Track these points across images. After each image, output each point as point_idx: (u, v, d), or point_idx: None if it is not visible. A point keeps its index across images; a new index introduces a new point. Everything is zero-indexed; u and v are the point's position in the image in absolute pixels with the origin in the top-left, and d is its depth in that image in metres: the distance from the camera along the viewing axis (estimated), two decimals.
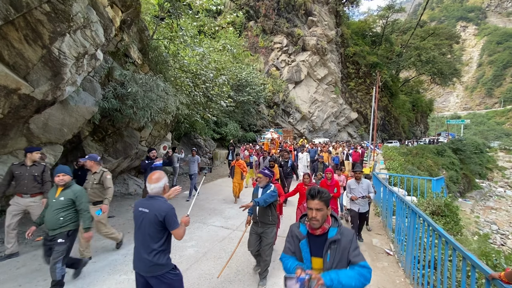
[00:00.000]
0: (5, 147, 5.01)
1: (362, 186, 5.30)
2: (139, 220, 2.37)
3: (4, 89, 4.11)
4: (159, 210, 2.33)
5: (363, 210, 5.31)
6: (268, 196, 3.64)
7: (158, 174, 2.46)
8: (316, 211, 1.83)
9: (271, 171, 3.96)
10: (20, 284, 3.43)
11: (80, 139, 6.47)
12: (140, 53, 7.46)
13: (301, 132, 30.00)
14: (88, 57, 5.05)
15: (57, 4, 4.11)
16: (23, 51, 4.16)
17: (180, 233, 2.41)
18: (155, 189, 2.41)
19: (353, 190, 5.37)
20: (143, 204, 2.41)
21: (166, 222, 2.34)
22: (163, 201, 2.42)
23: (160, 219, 2.32)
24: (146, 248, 2.31)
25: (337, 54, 34.24)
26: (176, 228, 2.37)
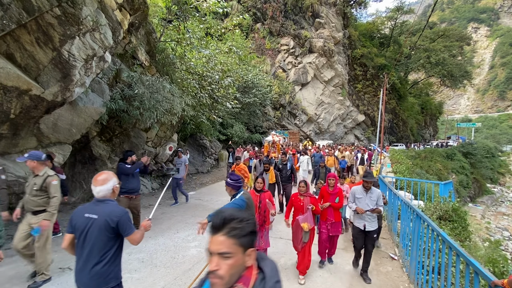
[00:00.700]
0: (16, 146, 5.15)
1: (371, 196, 4.10)
2: (84, 228, 2.04)
3: (16, 90, 4.25)
4: (111, 215, 2.07)
5: (370, 228, 4.04)
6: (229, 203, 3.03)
7: (105, 175, 2.18)
8: (218, 258, 0.97)
9: (237, 179, 3.32)
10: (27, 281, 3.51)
11: (88, 139, 6.61)
12: (147, 55, 7.58)
13: (307, 134, 29.87)
14: (97, 59, 5.17)
15: (67, 8, 4.23)
16: (35, 53, 4.29)
17: (137, 238, 2.18)
18: (102, 192, 2.11)
19: (358, 200, 4.16)
20: (89, 210, 2.09)
21: (120, 228, 2.09)
22: (114, 205, 2.17)
23: (112, 225, 2.06)
24: (93, 259, 2.03)
25: (344, 56, 34.03)
26: (131, 234, 2.14)
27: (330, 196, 4.41)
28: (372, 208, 4.03)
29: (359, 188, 4.25)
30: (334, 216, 4.40)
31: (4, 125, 4.64)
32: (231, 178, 3.31)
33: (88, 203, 2.18)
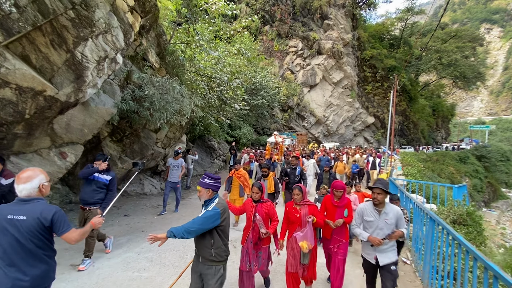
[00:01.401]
0: (30, 146, 5.29)
1: (386, 218, 2.94)
2: (8, 231, 1.83)
3: (31, 91, 4.35)
4: (43, 213, 1.91)
5: (385, 261, 2.94)
6: (198, 223, 2.36)
7: (30, 172, 2.00)
8: None
9: (216, 178, 2.60)
10: None
11: (99, 139, 6.73)
12: (157, 57, 7.68)
13: (316, 136, 29.67)
14: (109, 61, 5.26)
15: (81, 11, 4.32)
16: (49, 55, 4.39)
17: (74, 236, 2.02)
18: (25, 191, 1.93)
19: (368, 224, 3.05)
20: (14, 211, 1.88)
21: (55, 226, 1.95)
22: (43, 203, 1.99)
23: (46, 224, 1.91)
24: (22, 264, 1.84)
25: (354, 57, 33.74)
26: (67, 232, 1.98)
27: (336, 209, 3.44)
28: (389, 234, 2.90)
29: (369, 206, 3.08)
30: (343, 234, 3.46)
31: (19, 125, 4.77)
32: (209, 176, 2.55)
33: (9, 204, 1.95)
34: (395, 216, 2.94)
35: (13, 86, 4.12)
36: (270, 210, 3.26)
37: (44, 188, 2.04)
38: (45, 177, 2.07)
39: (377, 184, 2.99)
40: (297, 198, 3.28)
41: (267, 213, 3.22)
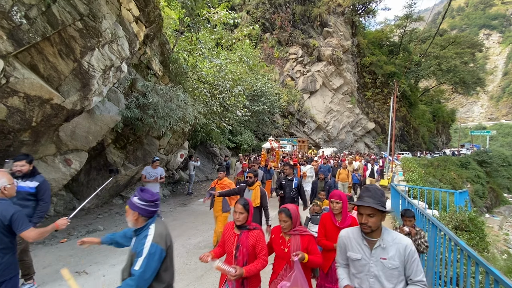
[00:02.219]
0: (36, 153, 5.36)
1: (384, 256, 1.71)
2: None
3: (38, 99, 4.45)
4: (3, 213, 2.06)
5: None
6: (142, 278, 1.68)
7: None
8: None
9: (152, 200, 1.82)
10: (44, 281, 3.61)
11: (103, 146, 6.81)
12: (161, 65, 7.82)
13: (316, 142, 29.74)
14: (114, 70, 5.38)
15: (89, 21, 4.45)
16: (57, 64, 4.51)
17: (31, 235, 2.14)
18: None
19: (355, 264, 1.84)
20: None
21: (13, 225, 2.08)
22: (6, 203, 2.14)
23: (6, 223, 2.06)
24: None
25: (353, 64, 34.06)
26: (25, 230, 2.11)
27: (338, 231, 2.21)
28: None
29: (355, 234, 1.88)
30: None
31: (26, 133, 4.85)
32: (141, 195, 1.80)
33: None
34: (401, 253, 1.67)
35: (21, 95, 4.22)
36: (258, 242, 2.22)
37: (6, 190, 2.20)
38: (7, 180, 2.22)
39: (364, 200, 1.76)
40: (284, 227, 2.30)
41: (253, 246, 2.21)
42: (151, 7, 6.07)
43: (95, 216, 6.64)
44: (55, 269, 4.00)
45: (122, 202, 8.14)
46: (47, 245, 4.88)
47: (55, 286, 3.56)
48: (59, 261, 4.25)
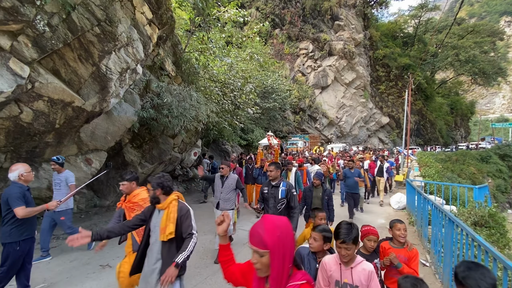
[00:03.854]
0: (59, 153, 5.64)
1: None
2: None
3: (61, 103, 4.69)
4: (6, 192, 2.89)
5: None
6: None
7: (14, 165, 3.01)
8: None
9: None
10: (72, 274, 3.84)
11: (121, 146, 7.06)
12: (173, 66, 7.99)
13: (329, 138, 29.43)
14: (130, 72, 5.57)
15: (106, 27, 4.63)
16: (77, 68, 4.72)
17: (20, 211, 2.84)
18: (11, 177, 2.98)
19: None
20: None
21: (9, 202, 2.84)
22: (16, 186, 2.93)
23: (4, 199, 2.86)
24: None
25: (366, 57, 33.33)
26: (15, 208, 2.83)
27: None
28: None
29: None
30: None
31: (50, 134, 5.12)
32: None
33: None
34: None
35: (45, 99, 4.46)
36: None
37: (23, 177, 3.00)
38: (24, 169, 3.02)
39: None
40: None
41: None
42: (163, 9, 6.21)
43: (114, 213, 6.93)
44: (82, 262, 4.24)
45: None
46: None
47: (82, 277, 3.78)
48: (84, 255, 4.49)
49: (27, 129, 4.61)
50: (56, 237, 5.25)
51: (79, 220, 6.24)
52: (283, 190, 3.67)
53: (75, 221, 6.08)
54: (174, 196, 2.40)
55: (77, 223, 5.99)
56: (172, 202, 2.35)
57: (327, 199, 4.42)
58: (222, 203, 4.56)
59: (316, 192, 4.50)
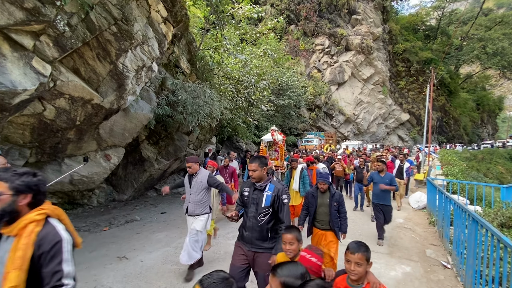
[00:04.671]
0: (80, 149, 5.89)
1: None
2: None
3: (81, 100, 4.87)
4: None
5: None
6: None
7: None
8: None
9: None
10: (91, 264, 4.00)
11: (138, 142, 7.26)
12: (188, 63, 8.09)
13: (345, 136, 28.81)
14: (146, 70, 5.69)
15: (122, 25, 4.74)
16: (95, 67, 4.88)
17: None
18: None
19: None
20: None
21: None
22: None
23: None
24: None
25: (385, 52, 32.21)
26: None
27: None
28: None
29: None
30: None
31: (71, 131, 5.35)
32: None
33: None
34: None
35: (66, 96, 4.64)
36: None
37: None
38: None
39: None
40: None
41: None
42: (178, 7, 6.28)
43: (133, 207, 7.14)
44: (101, 254, 4.41)
45: (156, 195, 8.65)
46: (92, 232, 5.38)
47: (100, 267, 3.92)
48: (103, 247, 4.67)
49: (50, 125, 4.84)
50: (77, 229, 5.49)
51: (99, 213, 6.49)
52: (269, 196, 2.54)
53: (96, 215, 6.34)
54: (35, 216, 1.29)
55: (97, 216, 6.24)
56: (27, 227, 1.27)
57: (337, 205, 3.47)
58: (192, 207, 3.68)
59: (322, 198, 3.54)
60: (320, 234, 3.51)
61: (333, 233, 3.46)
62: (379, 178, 5.27)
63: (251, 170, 2.57)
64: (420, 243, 5.37)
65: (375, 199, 5.29)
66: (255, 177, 2.58)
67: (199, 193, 3.72)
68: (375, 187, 5.28)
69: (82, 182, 6.03)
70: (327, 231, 3.47)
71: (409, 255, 4.72)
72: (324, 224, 3.50)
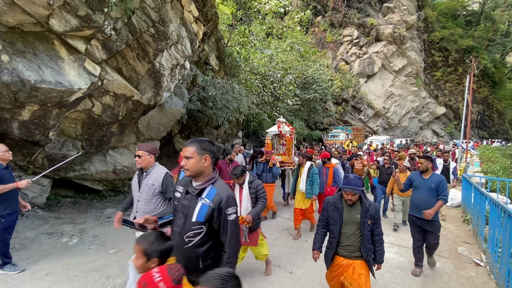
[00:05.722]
0: (122, 142, 6.46)
1: None
2: None
3: (123, 97, 5.36)
4: None
5: None
6: None
7: None
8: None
9: None
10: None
11: (171, 136, 7.76)
12: (217, 60, 8.40)
13: (374, 130, 27.78)
14: (179, 67, 6.06)
15: (159, 27, 5.12)
16: (135, 66, 5.33)
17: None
18: None
19: None
20: None
21: None
22: None
23: None
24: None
25: (419, 41, 30.27)
26: None
27: None
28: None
29: None
30: None
31: (115, 125, 5.89)
32: None
33: None
34: None
35: (111, 94, 5.14)
36: None
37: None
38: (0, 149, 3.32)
39: None
40: None
41: None
42: (208, 6, 6.56)
43: None
44: None
45: None
46: None
47: None
48: None
49: (97, 120, 5.39)
50: None
51: None
52: (204, 207, 1.68)
53: None
54: None
55: None
56: None
57: (372, 224, 2.42)
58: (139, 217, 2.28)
59: (349, 212, 2.46)
60: (346, 265, 2.43)
61: (364, 263, 2.42)
62: (422, 181, 3.77)
63: (184, 158, 1.69)
64: (451, 241, 5.23)
65: (414, 209, 3.77)
66: (188, 169, 1.68)
67: (149, 200, 2.63)
68: (417, 194, 3.79)
69: (123, 171, 6.63)
70: (355, 260, 2.42)
71: (439, 251, 4.63)
72: (352, 251, 2.44)
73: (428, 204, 3.59)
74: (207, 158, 1.71)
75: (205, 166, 1.71)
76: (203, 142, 1.74)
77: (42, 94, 3.89)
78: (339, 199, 2.53)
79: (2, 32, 3.67)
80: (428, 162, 3.80)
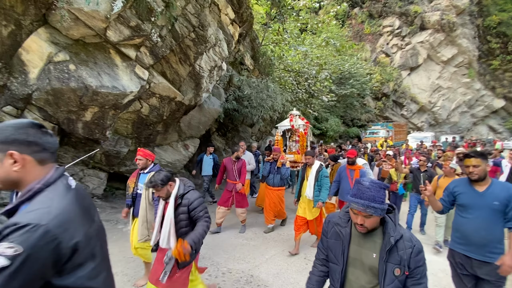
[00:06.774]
0: (166, 140, 6.99)
1: None
2: None
3: (167, 98, 5.81)
4: None
5: None
6: None
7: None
8: None
9: None
10: None
11: (209, 134, 8.17)
12: (252, 60, 8.60)
13: (418, 126, 25.83)
14: (217, 69, 6.37)
15: (199, 31, 5.44)
16: (178, 69, 5.74)
17: None
18: None
19: None
20: None
21: None
22: None
23: None
24: None
25: (472, 27, 27.25)
26: None
27: None
28: None
29: None
30: None
31: (159, 124, 6.41)
32: None
33: None
34: None
35: (157, 96, 5.61)
36: None
37: None
38: None
39: None
40: None
41: None
42: (244, 7, 6.77)
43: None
44: None
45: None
46: None
47: None
48: None
49: (145, 120, 5.92)
50: None
51: None
52: None
53: None
54: None
55: None
56: None
57: (404, 276, 1.29)
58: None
59: (360, 246, 1.40)
60: None
61: None
62: (474, 195, 2.19)
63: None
64: None
65: (460, 243, 2.26)
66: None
67: None
68: (461, 216, 2.27)
69: (167, 167, 7.18)
70: None
71: None
72: None
73: (488, 236, 2.10)
74: (15, 155, 0.90)
75: (16, 171, 0.92)
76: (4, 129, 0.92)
77: (101, 98, 4.42)
78: (346, 219, 1.46)
79: (69, 45, 4.25)
80: (484, 161, 2.17)
